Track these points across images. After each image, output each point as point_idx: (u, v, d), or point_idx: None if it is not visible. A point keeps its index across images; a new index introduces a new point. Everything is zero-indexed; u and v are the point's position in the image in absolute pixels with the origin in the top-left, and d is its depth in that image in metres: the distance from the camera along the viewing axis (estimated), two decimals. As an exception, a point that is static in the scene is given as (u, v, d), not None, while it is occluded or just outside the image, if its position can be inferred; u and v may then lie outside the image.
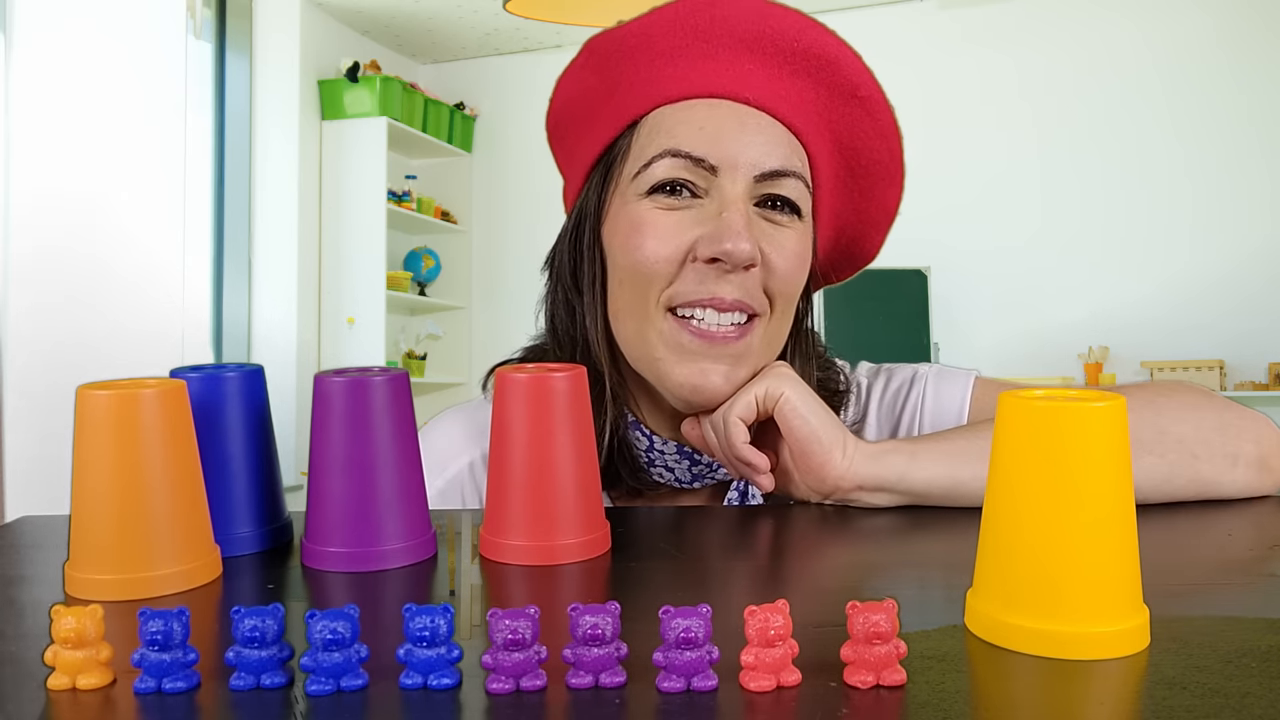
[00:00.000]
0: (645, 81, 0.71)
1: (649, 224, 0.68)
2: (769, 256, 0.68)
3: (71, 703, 0.34)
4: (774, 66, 0.70)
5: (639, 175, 0.70)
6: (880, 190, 0.76)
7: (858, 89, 0.71)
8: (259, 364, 0.57)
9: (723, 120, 0.69)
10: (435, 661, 0.35)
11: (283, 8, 4.20)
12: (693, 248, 0.67)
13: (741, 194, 0.68)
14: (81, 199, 2.57)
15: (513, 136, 4.90)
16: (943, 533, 0.62)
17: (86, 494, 0.47)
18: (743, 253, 0.65)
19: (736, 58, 0.70)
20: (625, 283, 0.71)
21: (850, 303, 3.97)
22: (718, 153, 0.68)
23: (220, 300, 4.15)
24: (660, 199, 0.69)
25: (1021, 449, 0.40)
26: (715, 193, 0.68)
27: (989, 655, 0.38)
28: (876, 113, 0.72)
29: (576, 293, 0.76)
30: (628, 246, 0.69)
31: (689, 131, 0.69)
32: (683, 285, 0.68)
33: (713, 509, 0.72)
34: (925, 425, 0.79)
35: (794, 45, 0.69)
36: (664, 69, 0.71)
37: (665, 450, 0.75)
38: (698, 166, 0.68)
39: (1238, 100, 3.98)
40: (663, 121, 0.70)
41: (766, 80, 0.70)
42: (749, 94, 0.69)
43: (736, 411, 0.67)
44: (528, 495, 0.53)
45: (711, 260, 0.67)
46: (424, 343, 4.94)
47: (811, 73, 0.70)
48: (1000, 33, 4.26)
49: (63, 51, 2.53)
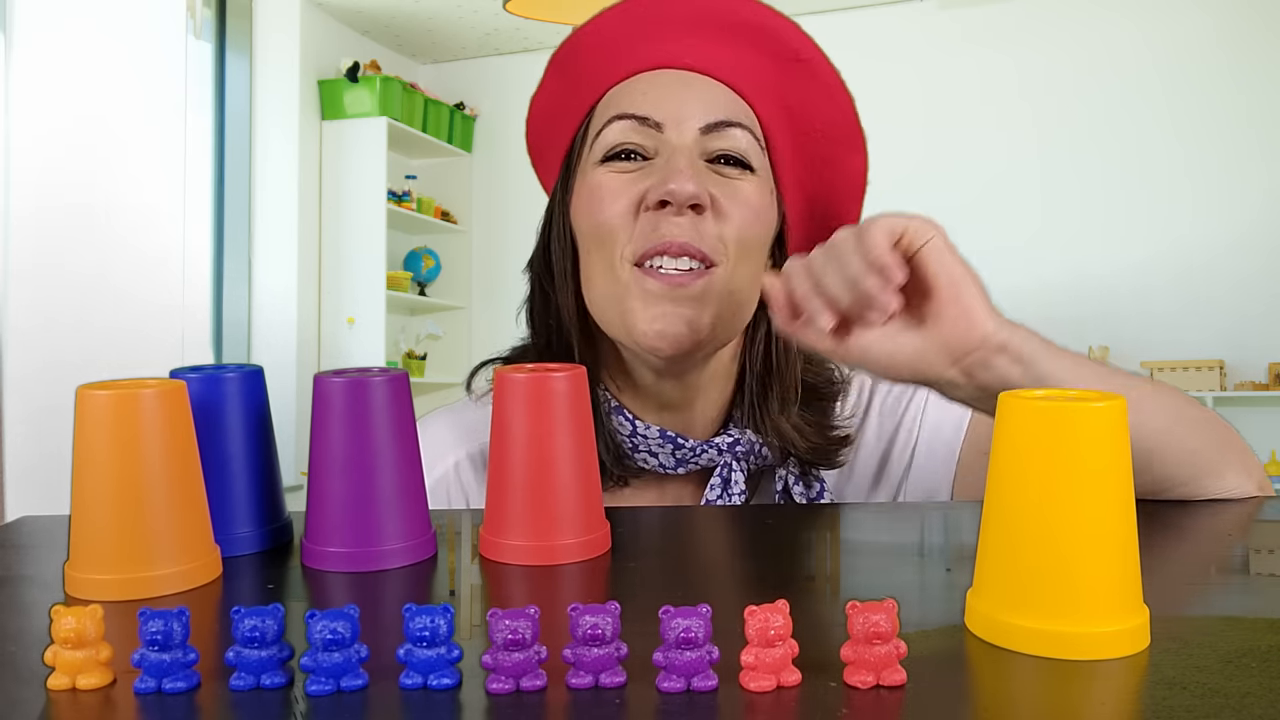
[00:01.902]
0: (597, 70, 0.76)
1: (605, 187, 0.72)
2: (721, 203, 0.70)
3: (71, 703, 0.34)
4: (714, 39, 0.74)
5: (593, 146, 0.74)
6: (841, 156, 0.77)
7: (799, 53, 0.74)
8: (259, 364, 0.57)
9: (667, 83, 0.74)
10: (435, 661, 0.35)
11: (283, 8, 4.20)
12: (644, 197, 0.70)
13: (689, 144, 0.71)
14: (81, 198, 2.57)
15: (513, 136, 4.86)
16: (943, 532, 0.62)
17: (86, 494, 0.47)
18: (686, 191, 0.67)
19: (678, 35, 0.74)
20: (592, 250, 0.73)
21: (850, 303, 3.96)
22: (661, 110, 0.72)
23: (220, 300, 4.15)
24: (614, 165, 0.72)
25: (1022, 449, 0.40)
26: (664, 149, 0.71)
27: (989, 655, 0.38)
28: (821, 75, 0.75)
29: (549, 277, 0.78)
30: (588, 211, 0.72)
31: (633, 97, 0.73)
32: (639, 235, 0.70)
33: (713, 509, 0.72)
34: (924, 432, 0.80)
35: (733, 18, 0.74)
36: (612, 56, 0.75)
37: (649, 435, 0.75)
38: (644, 125, 0.72)
39: (1238, 100, 3.98)
40: (610, 98, 0.75)
41: (709, 50, 0.74)
42: (690, 60, 0.74)
43: (881, 224, 0.58)
44: (528, 495, 0.53)
45: (661, 205, 0.69)
46: (424, 343, 4.94)
47: (754, 42, 0.74)
48: (1000, 33, 4.26)
49: (63, 51, 2.53)
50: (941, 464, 0.79)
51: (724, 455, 0.76)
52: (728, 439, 0.76)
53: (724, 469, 0.76)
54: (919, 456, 0.80)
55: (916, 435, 0.80)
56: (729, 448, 0.76)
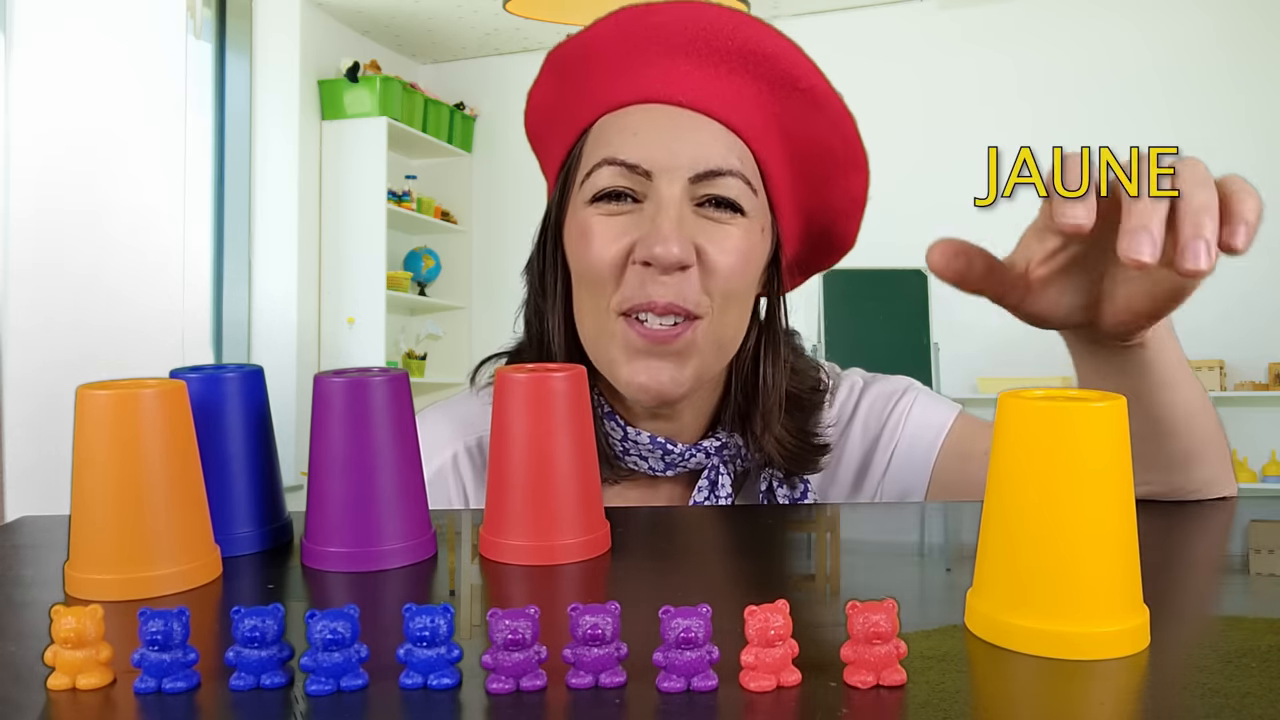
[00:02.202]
0: (590, 92, 0.74)
1: (593, 231, 0.71)
2: (708, 255, 0.70)
3: (71, 703, 0.34)
4: (710, 67, 0.71)
5: (584, 184, 0.73)
6: (842, 178, 0.76)
7: (797, 81, 0.72)
8: (259, 364, 0.57)
9: (656, 125, 0.71)
10: (435, 661, 0.35)
11: (283, 8, 4.20)
12: (631, 250, 0.70)
13: (677, 196, 0.70)
14: (81, 199, 2.57)
15: (513, 136, 4.87)
16: (943, 532, 0.62)
17: (86, 494, 0.46)
18: (670, 256, 0.67)
19: (673, 63, 0.71)
20: (582, 288, 0.74)
21: (850, 303, 3.97)
22: (650, 158, 0.70)
23: (220, 300, 4.15)
24: (603, 206, 0.72)
25: (1022, 449, 0.40)
26: (653, 195, 0.70)
27: (989, 655, 0.38)
28: (822, 103, 0.73)
29: (542, 295, 0.79)
30: (577, 253, 0.72)
31: (624, 139, 0.71)
32: (627, 289, 0.70)
33: (713, 509, 0.72)
34: (906, 435, 0.81)
35: (728, 44, 0.71)
36: (605, 79, 0.73)
37: (639, 440, 0.76)
38: (633, 173, 0.70)
39: (1237, 100, 3.98)
40: (603, 131, 0.73)
41: (702, 81, 0.71)
42: (683, 97, 0.71)
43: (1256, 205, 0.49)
44: (528, 495, 0.53)
45: (646, 263, 0.69)
46: (424, 343, 4.94)
47: (749, 69, 0.71)
48: (1000, 33, 4.26)
49: (63, 51, 2.53)
50: (918, 468, 0.81)
51: (711, 458, 0.78)
52: (715, 443, 0.78)
53: (711, 471, 0.78)
54: (897, 458, 0.81)
55: (898, 438, 0.82)
56: (716, 451, 0.78)
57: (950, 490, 0.78)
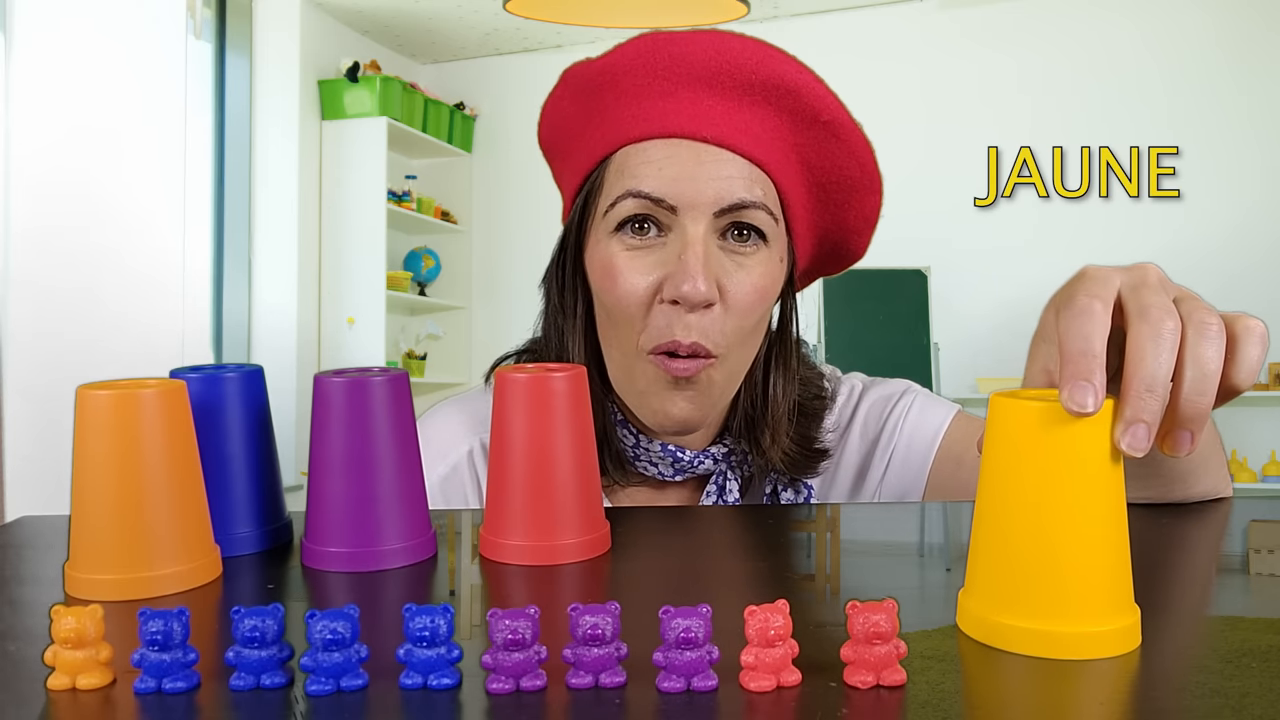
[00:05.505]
0: (612, 121, 0.74)
1: (619, 267, 0.72)
2: (729, 292, 0.71)
3: (71, 703, 0.34)
4: (733, 100, 0.71)
5: (608, 213, 0.73)
6: (858, 201, 0.77)
7: (819, 114, 0.72)
8: (259, 364, 0.57)
9: (681, 160, 0.71)
10: (435, 661, 0.35)
11: (283, 8, 4.20)
12: (659, 288, 0.71)
13: (702, 233, 0.70)
14: (82, 199, 2.57)
15: (513, 136, 4.90)
16: (943, 532, 0.62)
17: (86, 494, 0.47)
18: (698, 294, 0.68)
19: (696, 95, 0.71)
20: (607, 323, 0.75)
21: (850, 303, 3.97)
22: (676, 193, 0.70)
23: (220, 300, 4.14)
24: (627, 237, 0.72)
25: (1013, 449, 0.40)
26: (678, 229, 0.71)
27: (990, 655, 0.38)
28: (843, 135, 0.73)
29: (562, 314, 0.79)
30: (602, 287, 0.73)
31: (649, 172, 0.71)
32: (653, 330, 0.71)
33: (713, 509, 0.72)
34: (903, 438, 0.82)
35: (752, 77, 0.71)
36: (628, 108, 0.73)
37: (651, 448, 0.77)
38: (658, 206, 0.71)
39: (1237, 100, 3.98)
40: (627, 161, 0.73)
41: (726, 114, 0.71)
42: (707, 132, 0.71)
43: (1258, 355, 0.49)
44: (528, 495, 0.53)
45: (674, 301, 0.70)
46: (424, 343, 4.94)
47: (772, 101, 0.71)
48: (1000, 33, 4.26)
49: (63, 51, 2.53)
50: (915, 469, 0.81)
51: (720, 464, 0.79)
52: (723, 449, 0.79)
53: (719, 477, 0.79)
54: (895, 462, 0.82)
55: (895, 442, 0.82)
56: (724, 457, 0.79)
57: (946, 491, 0.79)
